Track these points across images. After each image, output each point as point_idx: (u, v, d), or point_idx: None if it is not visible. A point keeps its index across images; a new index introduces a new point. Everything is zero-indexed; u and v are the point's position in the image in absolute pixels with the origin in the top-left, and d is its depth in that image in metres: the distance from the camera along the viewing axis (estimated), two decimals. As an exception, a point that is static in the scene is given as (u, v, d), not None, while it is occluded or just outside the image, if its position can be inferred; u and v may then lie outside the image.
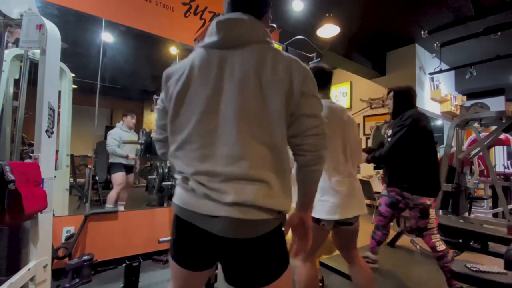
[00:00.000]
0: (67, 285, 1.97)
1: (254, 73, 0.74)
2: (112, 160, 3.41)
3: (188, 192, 0.75)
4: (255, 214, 0.68)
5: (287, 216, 0.86)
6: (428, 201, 1.96)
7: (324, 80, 1.51)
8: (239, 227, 0.68)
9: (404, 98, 2.17)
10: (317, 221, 1.35)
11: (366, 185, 4.40)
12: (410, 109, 2.08)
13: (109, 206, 3.17)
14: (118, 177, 3.37)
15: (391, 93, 2.23)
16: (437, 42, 4.51)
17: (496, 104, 6.42)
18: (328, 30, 3.72)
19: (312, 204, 0.89)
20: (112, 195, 3.27)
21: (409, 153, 1.98)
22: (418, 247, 3.07)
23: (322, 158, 0.77)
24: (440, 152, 3.56)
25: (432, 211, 1.97)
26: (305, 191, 0.85)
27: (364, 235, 2.27)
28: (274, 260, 0.74)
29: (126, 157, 3.44)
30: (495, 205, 4.13)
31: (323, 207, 1.34)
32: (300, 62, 0.80)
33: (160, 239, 2.33)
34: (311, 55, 2.48)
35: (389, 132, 2.13)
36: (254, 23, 0.81)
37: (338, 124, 1.44)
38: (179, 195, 0.78)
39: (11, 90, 2.02)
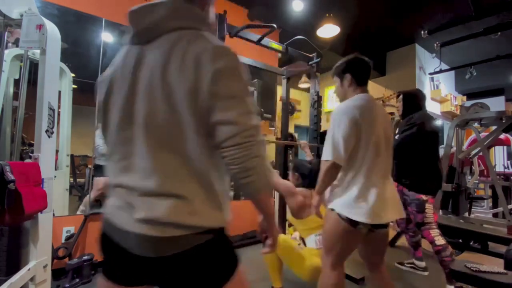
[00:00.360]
0: (67, 285, 1.97)
1: (160, 70, 0.63)
2: (99, 162, 3.24)
3: (111, 204, 0.70)
4: (169, 231, 0.61)
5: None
6: (424, 197, 2.05)
7: (366, 74, 1.43)
8: (151, 244, 0.62)
9: (412, 100, 2.27)
10: (354, 224, 1.23)
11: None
12: (418, 111, 2.19)
13: (82, 208, 2.78)
14: (100, 182, 3.01)
15: (401, 96, 2.32)
16: (437, 42, 4.52)
17: (496, 104, 6.43)
18: (328, 30, 3.72)
19: (273, 218, 0.76)
20: (87, 199, 2.85)
21: (416, 152, 2.07)
22: (418, 247, 3.07)
23: (251, 170, 0.63)
24: (440, 152, 3.56)
25: (428, 205, 2.05)
26: (254, 205, 0.72)
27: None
28: (204, 276, 0.66)
29: None
30: (495, 205, 4.13)
31: (362, 209, 1.22)
32: (217, 50, 0.64)
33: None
34: (311, 55, 2.48)
35: (397, 131, 2.24)
36: (175, 6, 0.68)
37: (381, 122, 1.35)
38: (106, 206, 0.72)
39: (11, 90, 2.02)
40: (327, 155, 1.27)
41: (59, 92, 2.01)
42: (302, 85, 5.72)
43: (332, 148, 1.26)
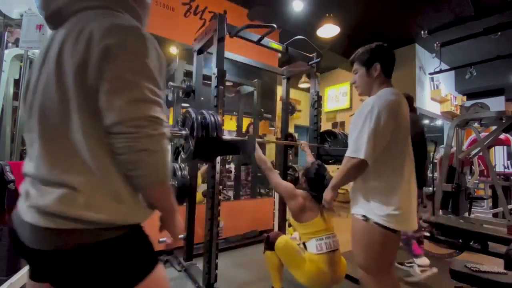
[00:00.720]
0: (67, 285, 1.97)
1: (57, 51, 0.60)
2: None
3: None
4: (59, 223, 0.57)
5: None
6: None
7: (393, 65, 1.30)
8: (38, 235, 0.58)
9: None
10: (394, 231, 1.16)
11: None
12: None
13: None
14: None
15: None
16: (437, 42, 4.51)
17: (496, 104, 6.42)
18: (328, 30, 3.72)
19: (171, 214, 0.71)
20: None
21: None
22: (418, 247, 3.07)
23: (135, 163, 0.59)
24: (440, 152, 3.57)
25: None
26: (147, 200, 0.67)
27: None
28: (104, 276, 0.60)
29: None
30: (495, 205, 4.13)
31: (401, 217, 1.15)
32: (115, 26, 0.59)
33: (160, 239, 2.32)
34: (311, 55, 2.48)
35: None
36: None
37: (408, 122, 1.25)
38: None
39: (11, 90, 2.02)
40: (355, 151, 1.14)
41: (59, 92, 2.01)
42: (302, 85, 5.72)
43: (367, 145, 1.10)
